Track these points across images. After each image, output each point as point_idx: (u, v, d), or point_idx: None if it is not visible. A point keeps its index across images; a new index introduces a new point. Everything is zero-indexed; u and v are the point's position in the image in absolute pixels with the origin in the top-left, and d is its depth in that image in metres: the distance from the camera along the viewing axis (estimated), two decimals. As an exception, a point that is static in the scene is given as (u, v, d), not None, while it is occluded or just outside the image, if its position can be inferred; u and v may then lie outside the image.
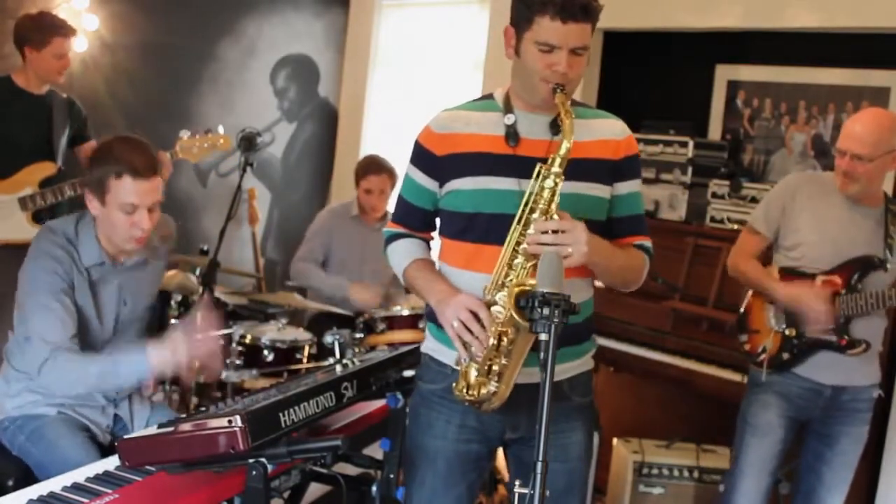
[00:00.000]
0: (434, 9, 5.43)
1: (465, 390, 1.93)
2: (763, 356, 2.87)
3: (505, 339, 1.88)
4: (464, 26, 5.19)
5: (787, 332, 2.85)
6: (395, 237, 2.22)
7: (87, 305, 2.47)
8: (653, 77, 4.65)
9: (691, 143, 4.16)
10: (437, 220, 2.20)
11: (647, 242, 2.16)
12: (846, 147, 2.71)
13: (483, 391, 1.90)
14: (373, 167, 4.27)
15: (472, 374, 1.92)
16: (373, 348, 3.67)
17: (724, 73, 4.49)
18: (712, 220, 4.07)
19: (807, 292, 2.75)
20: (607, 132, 2.08)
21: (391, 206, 4.22)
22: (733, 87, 4.47)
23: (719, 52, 4.47)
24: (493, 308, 1.92)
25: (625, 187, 2.10)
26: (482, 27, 5.00)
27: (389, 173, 4.26)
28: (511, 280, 1.91)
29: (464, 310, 1.92)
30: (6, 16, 4.01)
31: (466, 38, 5.15)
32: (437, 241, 2.24)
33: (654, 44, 4.65)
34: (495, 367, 1.89)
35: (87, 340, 2.45)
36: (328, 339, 3.67)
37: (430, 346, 2.18)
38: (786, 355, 2.85)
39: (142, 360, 2.28)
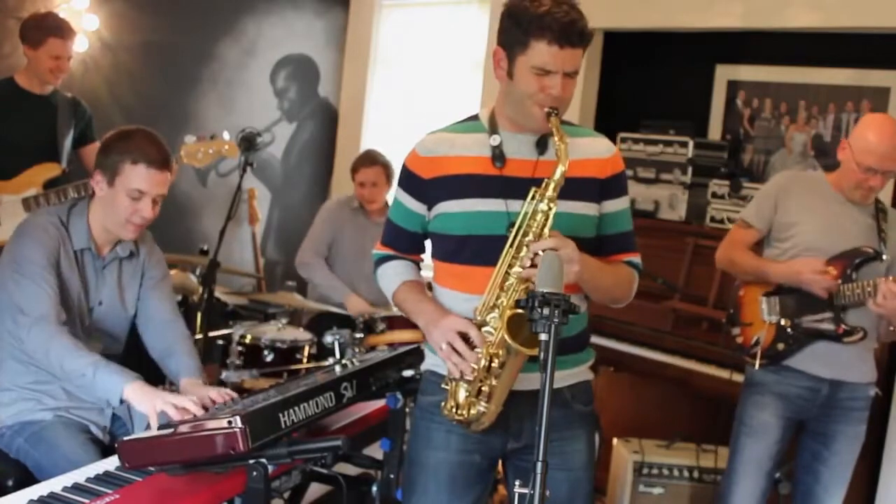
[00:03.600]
0: (434, 9, 5.43)
1: (454, 410, 1.93)
2: (756, 349, 2.87)
3: (496, 360, 1.88)
4: (464, 26, 5.19)
5: (782, 322, 2.86)
6: (384, 259, 2.22)
7: (71, 290, 2.50)
8: (653, 77, 4.65)
9: (691, 143, 4.16)
10: (428, 242, 2.19)
11: (636, 259, 2.16)
12: (887, 167, 2.70)
13: (473, 411, 1.90)
14: (365, 160, 4.35)
15: (462, 394, 1.91)
16: (373, 348, 3.67)
17: (724, 73, 4.49)
18: (712, 220, 4.07)
19: (802, 263, 2.78)
20: (593, 151, 2.08)
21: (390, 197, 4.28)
22: (733, 87, 4.47)
23: (719, 52, 4.48)
24: (484, 329, 1.91)
25: (612, 205, 2.10)
26: (482, 27, 5.00)
27: (382, 166, 4.31)
28: (502, 302, 1.91)
29: (451, 332, 1.92)
30: (6, 15, 4.01)
31: (466, 38, 5.16)
32: (429, 262, 2.23)
33: (654, 44, 4.65)
34: (485, 389, 1.89)
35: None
36: (328, 339, 3.70)
37: (430, 362, 2.17)
38: (781, 345, 2.85)
39: (119, 387, 2.25)
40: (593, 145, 2.10)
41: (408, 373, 2.55)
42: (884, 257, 2.76)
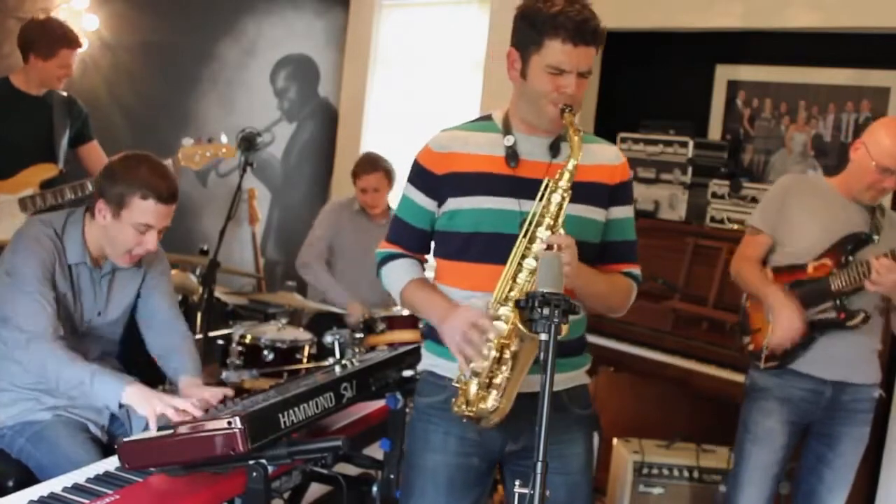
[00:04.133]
0: (434, 9, 5.43)
1: (464, 406, 1.91)
2: (766, 351, 2.86)
3: (507, 351, 1.87)
4: (464, 26, 5.19)
5: None
6: (389, 258, 2.20)
7: (65, 303, 2.49)
8: (653, 77, 4.65)
9: (691, 143, 4.16)
10: (432, 243, 2.18)
11: (636, 270, 2.16)
12: None
13: (483, 406, 1.88)
14: (366, 166, 4.32)
15: (473, 389, 1.89)
16: (373, 348, 3.67)
17: (724, 73, 4.49)
18: (712, 220, 4.07)
19: (786, 314, 2.74)
20: (604, 157, 2.10)
21: (393, 200, 4.26)
22: (733, 87, 4.47)
23: (719, 52, 4.48)
24: (496, 323, 1.89)
25: (619, 212, 2.12)
26: (482, 27, 5.00)
27: (384, 171, 4.30)
28: (514, 294, 1.90)
29: (465, 322, 1.90)
30: (6, 15, 4.01)
31: (466, 38, 5.15)
32: (430, 263, 2.23)
33: (654, 44, 4.65)
34: (497, 380, 1.87)
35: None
36: (328, 339, 3.69)
37: (428, 362, 2.16)
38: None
39: (118, 392, 2.26)
40: (603, 152, 2.11)
41: (408, 373, 2.55)
42: (874, 238, 2.76)
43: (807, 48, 4.19)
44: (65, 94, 3.70)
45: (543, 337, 1.63)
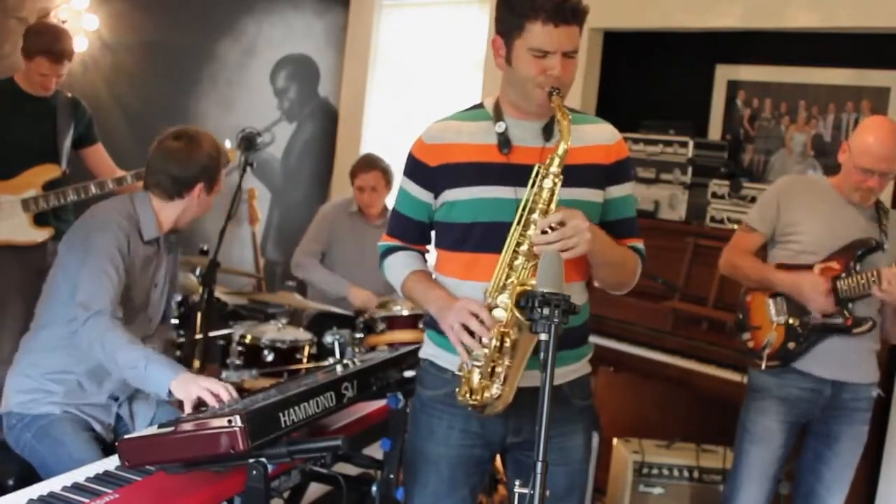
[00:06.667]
0: (434, 9, 5.44)
1: (468, 395, 1.92)
2: (768, 349, 2.87)
3: (507, 340, 1.87)
4: (464, 26, 5.19)
5: (790, 322, 2.85)
6: (390, 251, 2.22)
7: (140, 279, 2.58)
8: (653, 77, 4.65)
9: (691, 143, 4.16)
10: (432, 233, 2.20)
11: (640, 245, 2.16)
12: (884, 168, 2.71)
13: (487, 395, 1.89)
14: (363, 165, 4.31)
15: (476, 378, 1.90)
16: (373, 348, 3.68)
17: (724, 73, 4.49)
18: (712, 220, 4.07)
19: (806, 279, 2.78)
20: (598, 137, 2.08)
21: (389, 202, 4.25)
22: (733, 87, 4.47)
23: (719, 52, 4.48)
24: (495, 311, 1.91)
25: (617, 191, 2.11)
26: (482, 27, 5.00)
27: (382, 171, 4.28)
28: (512, 281, 1.91)
29: (464, 312, 1.92)
30: (6, 15, 4.01)
31: (466, 38, 5.16)
32: (432, 254, 2.24)
33: (653, 44, 4.65)
34: (498, 369, 1.88)
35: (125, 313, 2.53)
36: (328, 339, 3.70)
37: (430, 351, 2.17)
38: (792, 345, 2.84)
39: (168, 378, 2.30)
40: (597, 132, 2.10)
41: (409, 373, 2.55)
42: (885, 247, 2.77)
43: (807, 48, 4.19)
44: (69, 95, 3.70)
45: (543, 337, 1.64)
